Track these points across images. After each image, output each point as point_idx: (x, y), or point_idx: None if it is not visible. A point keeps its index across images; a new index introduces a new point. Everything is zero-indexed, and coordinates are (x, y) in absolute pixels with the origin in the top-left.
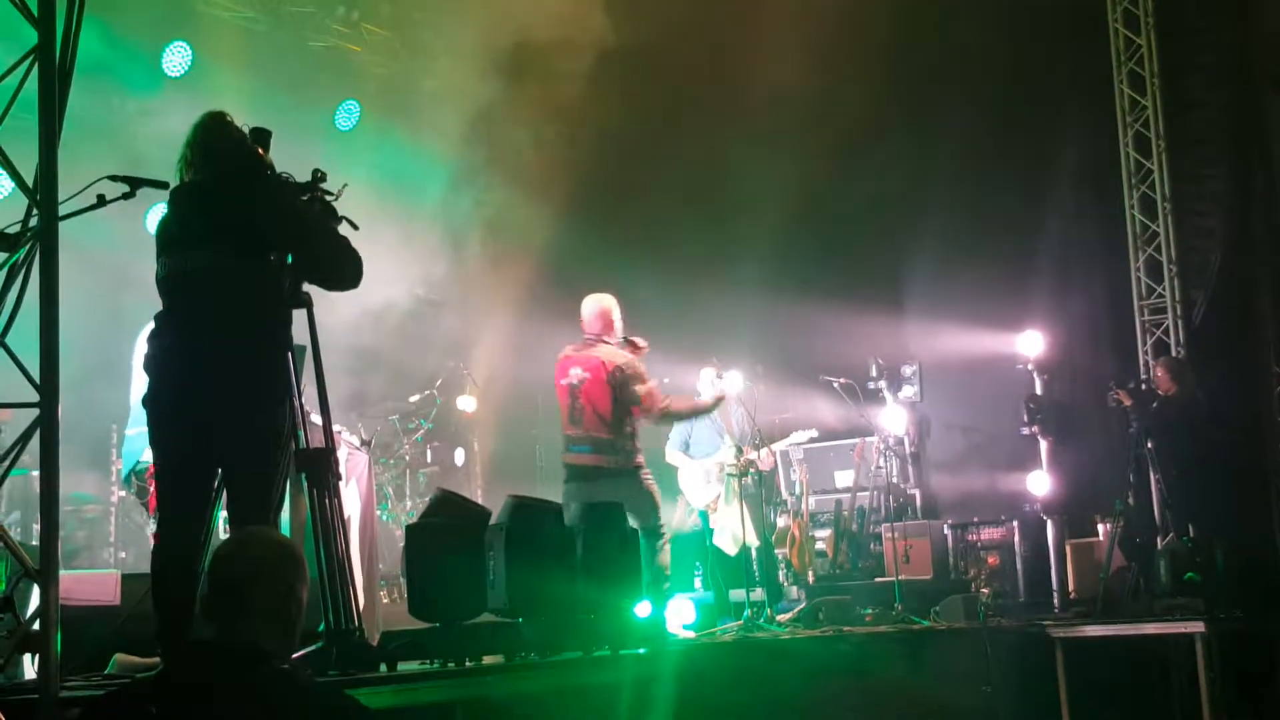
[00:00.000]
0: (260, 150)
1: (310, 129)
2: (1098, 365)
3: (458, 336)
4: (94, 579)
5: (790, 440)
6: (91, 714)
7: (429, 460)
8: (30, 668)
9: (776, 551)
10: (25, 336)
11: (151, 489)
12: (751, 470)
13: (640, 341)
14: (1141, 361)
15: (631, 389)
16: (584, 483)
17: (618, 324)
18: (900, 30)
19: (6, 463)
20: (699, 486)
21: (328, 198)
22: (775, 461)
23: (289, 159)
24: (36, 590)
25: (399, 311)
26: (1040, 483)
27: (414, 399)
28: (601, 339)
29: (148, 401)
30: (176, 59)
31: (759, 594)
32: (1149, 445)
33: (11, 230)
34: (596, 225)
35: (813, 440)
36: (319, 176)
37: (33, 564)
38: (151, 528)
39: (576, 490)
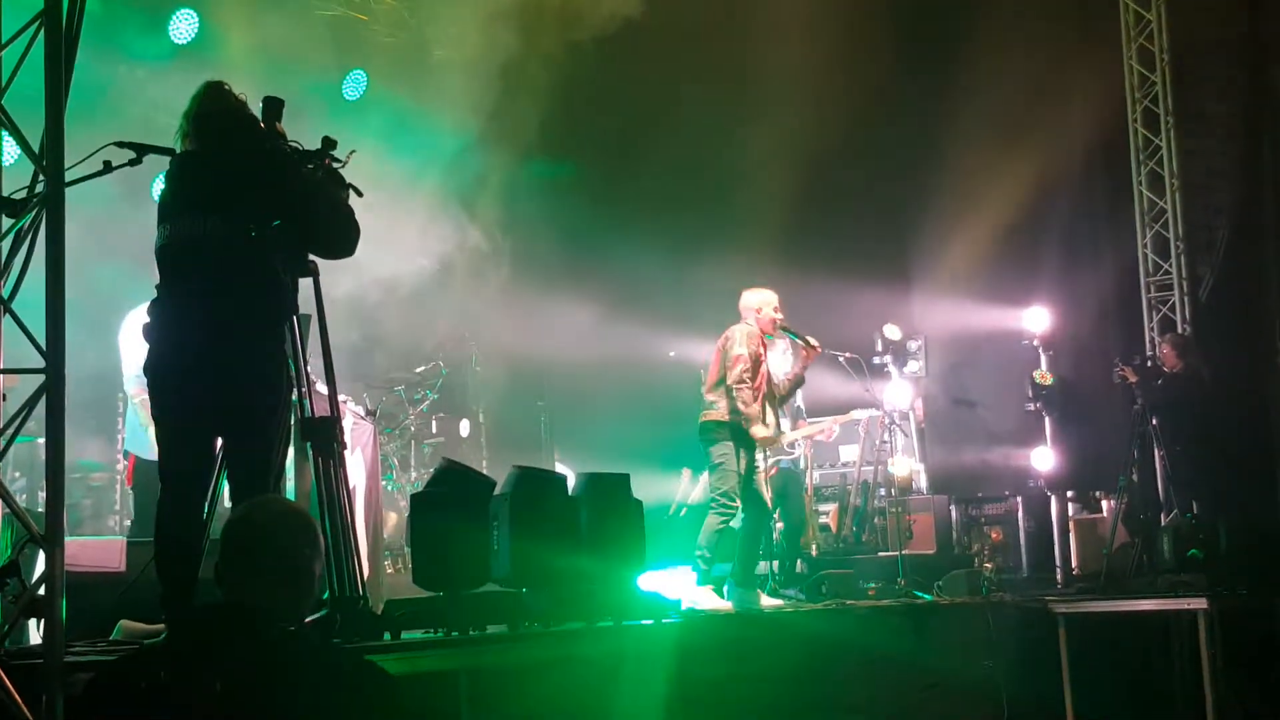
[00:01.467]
0: (266, 119)
1: (317, 98)
2: (1104, 342)
3: (464, 307)
4: (100, 545)
5: (849, 417)
6: (101, 679)
7: (434, 431)
8: (35, 633)
9: (780, 525)
10: (32, 302)
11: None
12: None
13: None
14: (1147, 338)
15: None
16: None
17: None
18: (908, 4)
19: (12, 429)
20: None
21: (336, 164)
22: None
23: (295, 127)
24: (42, 556)
25: (405, 282)
26: (1044, 458)
27: (420, 369)
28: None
29: (147, 369)
30: (184, 26)
31: (763, 567)
32: (1153, 422)
33: (18, 195)
34: (603, 197)
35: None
36: (329, 144)
37: (39, 530)
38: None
39: None
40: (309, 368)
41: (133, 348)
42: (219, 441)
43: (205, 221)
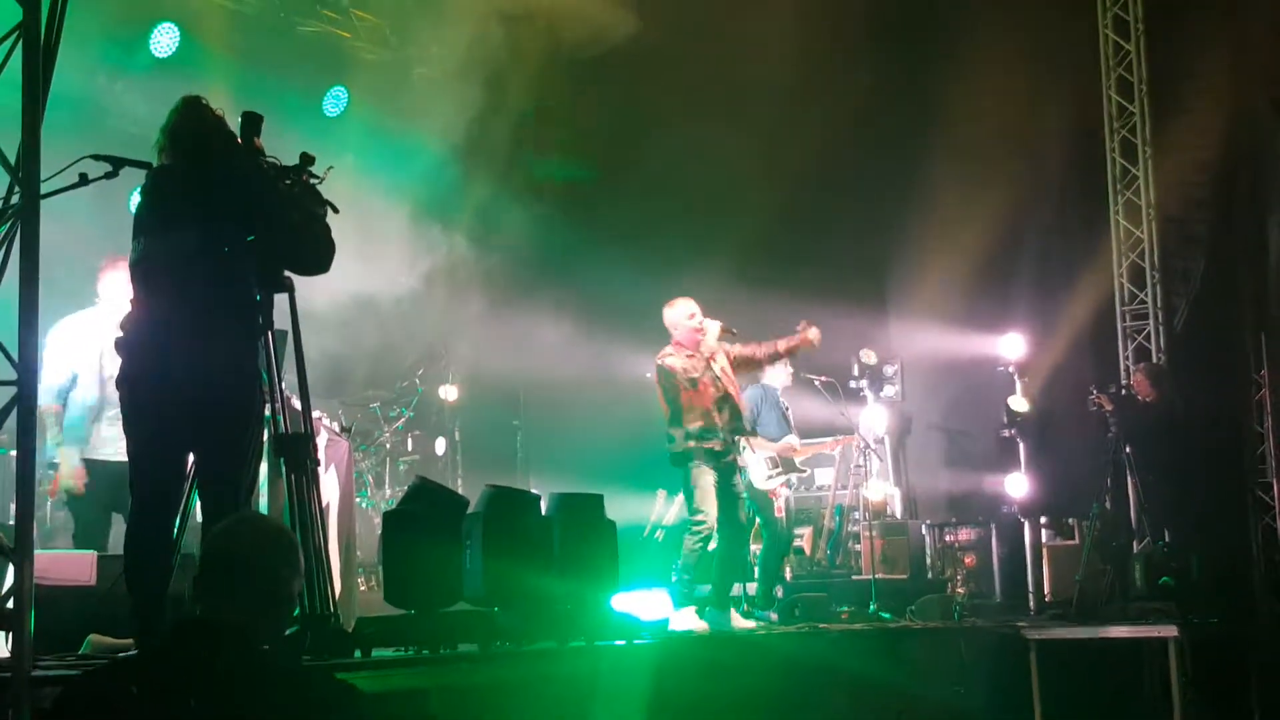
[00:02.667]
0: (245, 134)
1: (297, 114)
2: (1079, 369)
3: (441, 325)
4: (70, 559)
5: (852, 438)
6: (71, 693)
7: (409, 449)
8: (3, 646)
9: (754, 547)
10: (3, 315)
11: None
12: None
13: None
14: (1123, 367)
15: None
16: None
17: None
18: (887, 26)
19: None
20: (762, 470)
21: (313, 180)
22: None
23: (274, 143)
24: (11, 569)
25: (382, 299)
26: (1019, 485)
27: (396, 387)
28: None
29: (120, 383)
30: (164, 39)
31: (736, 589)
32: (1127, 450)
33: None
34: (581, 216)
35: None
36: (307, 159)
37: (7, 543)
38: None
39: None
40: (284, 384)
41: (56, 356)
42: (191, 456)
43: (180, 236)
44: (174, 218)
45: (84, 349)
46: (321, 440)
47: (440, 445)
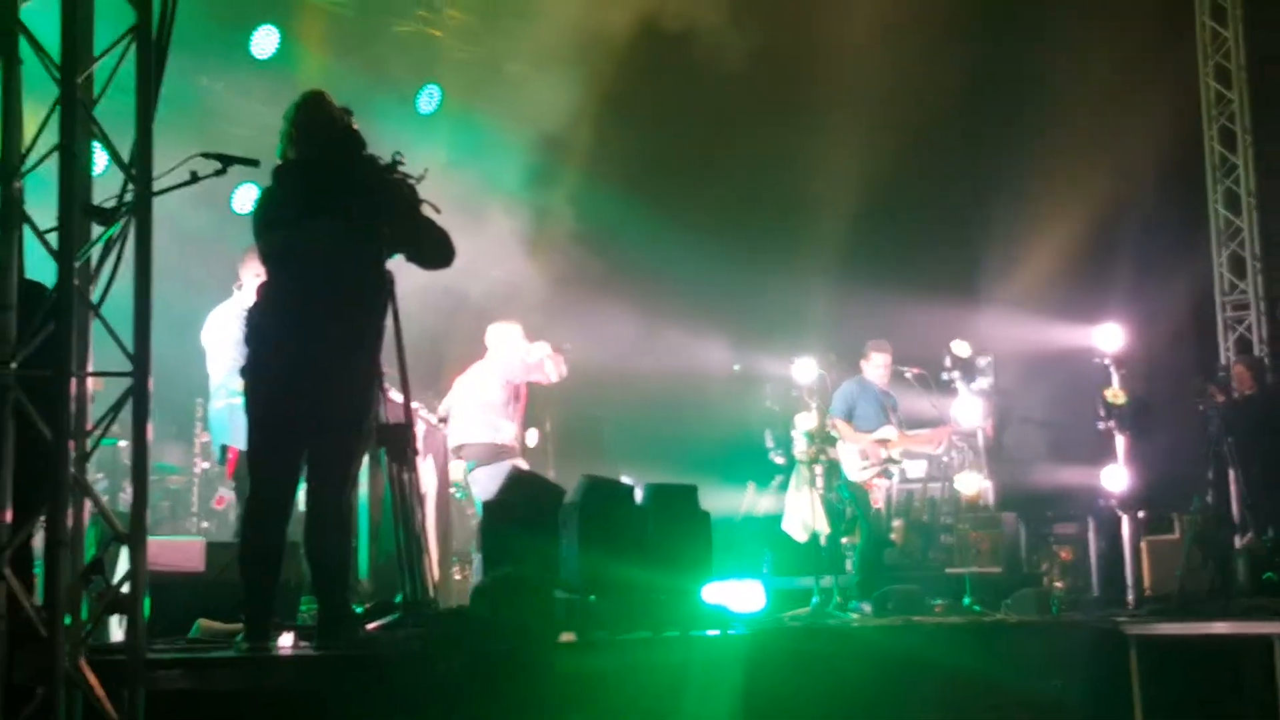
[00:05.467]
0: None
1: (392, 112)
2: (1177, 361)
3: (534, 319)
4: (180, 546)
5: (953, 427)
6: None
7: None
8: (117, 630)
9: (845, 540)
10: (117, 309)
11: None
12: (822, 458)
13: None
14: (1223, 358)
15: None
16: None
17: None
18: (978, 17)
19: (99, 430)
20: (855, 461)
21: (410, 180)
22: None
23: (371, 141)
24: (124, 555)
25: (476, 292)
26: (1116, 478)
27: None
28: None
29: (246, 372)
30: (265, 42)
31: (827, 581)
32: (1229, 441)
33: (108, 204)
34: (671, 211)
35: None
36: (399, 159)
37: (122, 528)
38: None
39: None
40: (383, 375)
41: (219, 343)
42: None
43: (309, 230)
44: (305, 211)
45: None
46: (419, 430)
47: (532, 436)
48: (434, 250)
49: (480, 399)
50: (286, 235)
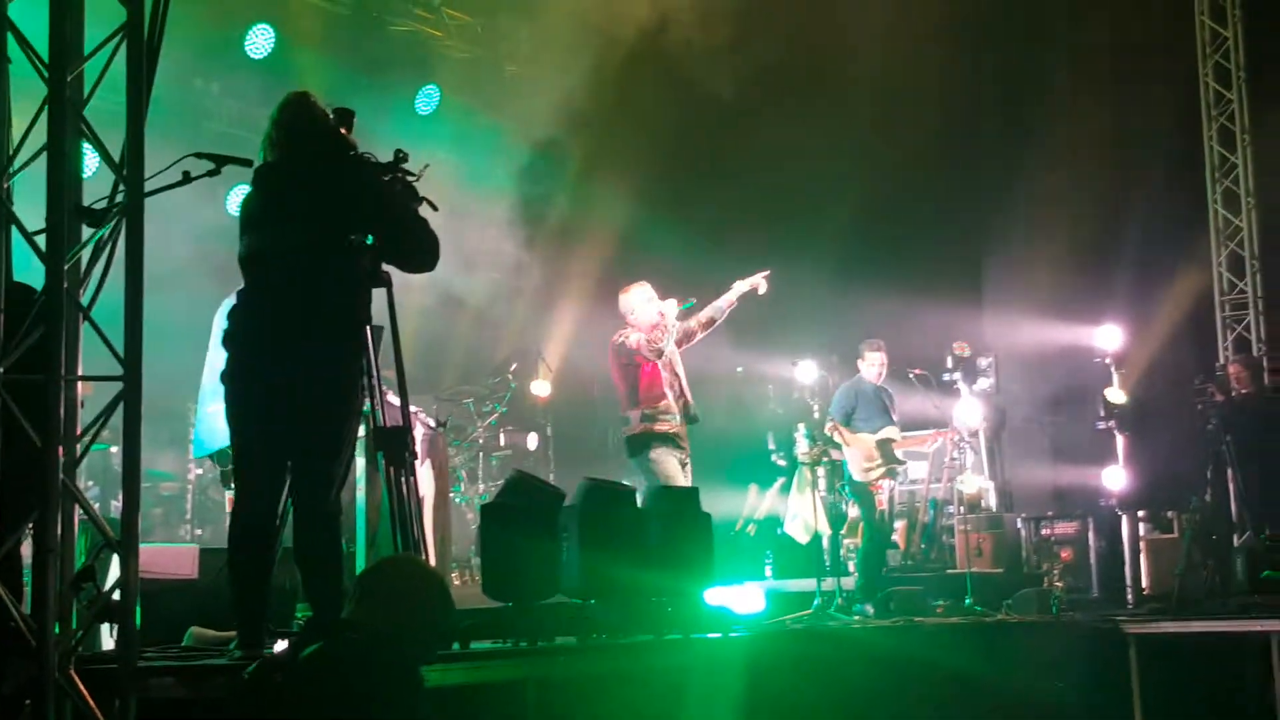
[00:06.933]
0: (343, 130)
1: (390, 112)
2: (1177, 361)
3: (532, 321)
4: (173, 552)
5: (952, 430)
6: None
7: (502, 443)
8: (108, 638)
9: (847, 541)
10: (107, 311)
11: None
12: (824, 459)
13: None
14: (1222, 358)
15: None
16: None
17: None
18: (983, 20)
19: (89, 436)
20: (861, 462)
21: (409, 178)
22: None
23: (368, 141)
24: (116, 562)
25: (475, 295)
26: (1116, 477)
27: (489, 383)
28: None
29: (225, 377)
30: (260, 41)
31: (830, 583)
32: (1227, 439)
33: (99, 206)
34: (672, 212)
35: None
36: (401, 156)
37: (114, 535)
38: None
39: None
40: (380, 379)
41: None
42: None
43: (290, 232)
44: (285, 213)
45: None
46: (418, 434)
47: (532, 440)
48: (414, 253)
49: None
50: (258, 240)
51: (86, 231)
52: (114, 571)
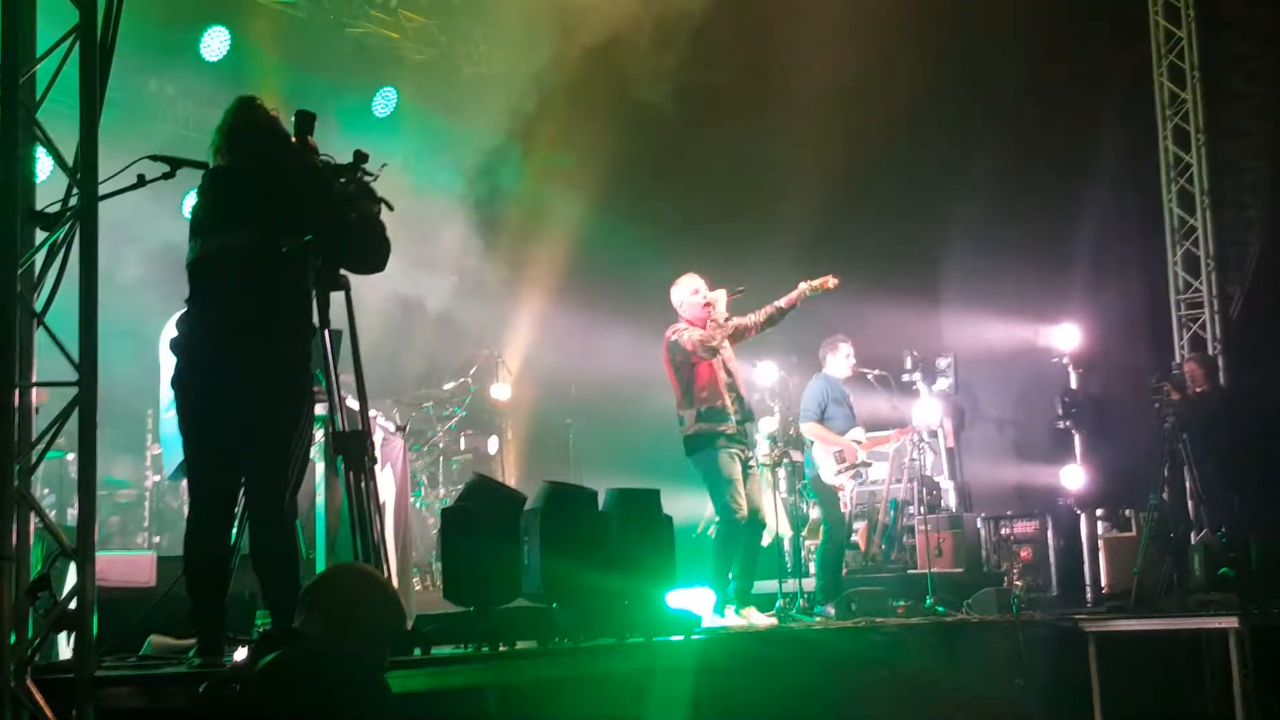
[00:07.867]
0: (298, 133)
1: (347, 115)
2: (1133, 360)
3: (492, 324)
4: (130, 560)
5: (911, 429)
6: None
7: (462, 448)
8: (65, 647)
9: (808, 543)
10: (61, 317)
11: None
12: (785, 461)
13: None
14: (1178, 357)
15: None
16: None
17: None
18: (936, 18)
19: (43, 444)
20: (832, 464)
21: (367, 178)
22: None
23: (325, 144)
24: (73, 570)
25: (434, 298)
26: (1074, 476)
27: (448, 386)
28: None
29: (175, 383)
30: (215, 43)
31: (791, 585)
32: (1183, 439)
33: (51, 209)
34: (632, 213)
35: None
36: (360, 157)
37: (70, 543)
38: None
39: None
40: (339, 383)
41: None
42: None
43: (236, 236)
44: (230, 218)
45: None
46: (377, 439)
47: (493, 444)
48: (365, 254)
49: None
50: (206, 244)
51: (40, 236)
52: (71, 580)
